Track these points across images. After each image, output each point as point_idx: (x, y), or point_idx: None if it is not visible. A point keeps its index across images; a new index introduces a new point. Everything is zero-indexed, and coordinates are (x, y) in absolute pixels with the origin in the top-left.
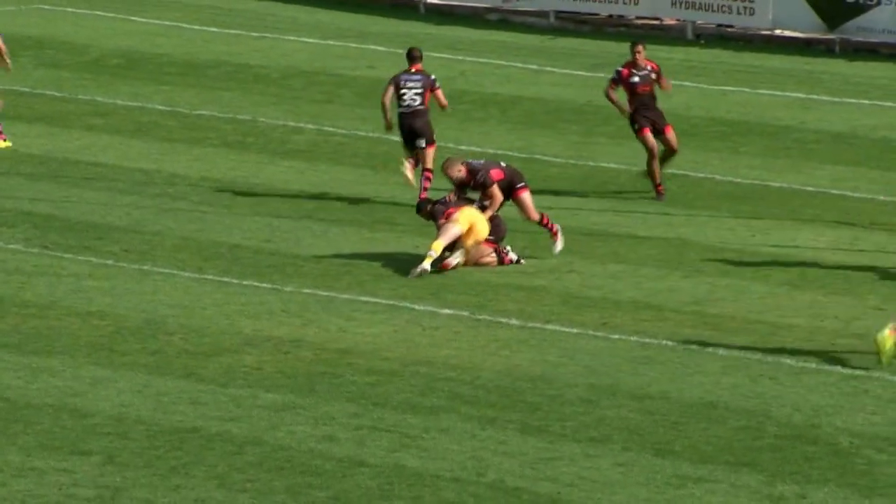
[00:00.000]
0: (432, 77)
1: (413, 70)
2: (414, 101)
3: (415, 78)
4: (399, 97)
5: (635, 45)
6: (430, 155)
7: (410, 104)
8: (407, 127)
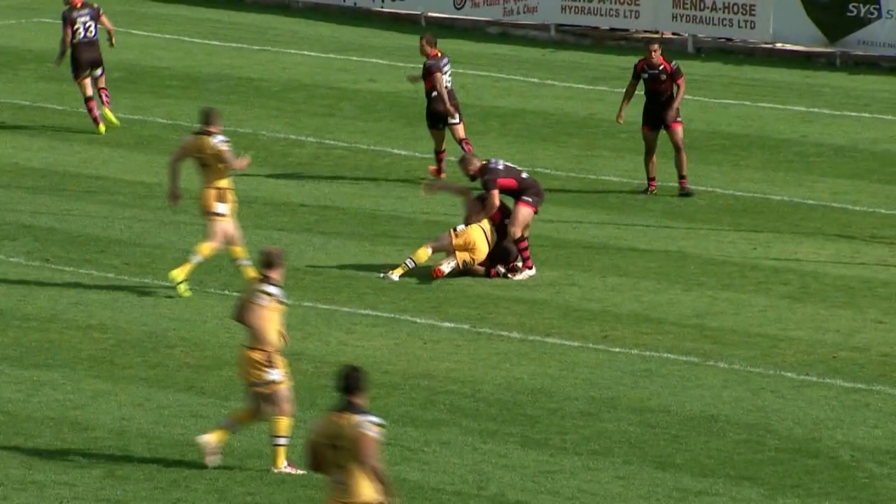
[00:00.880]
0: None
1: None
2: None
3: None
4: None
5: (650, 44)
6: (460, 130)
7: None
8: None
